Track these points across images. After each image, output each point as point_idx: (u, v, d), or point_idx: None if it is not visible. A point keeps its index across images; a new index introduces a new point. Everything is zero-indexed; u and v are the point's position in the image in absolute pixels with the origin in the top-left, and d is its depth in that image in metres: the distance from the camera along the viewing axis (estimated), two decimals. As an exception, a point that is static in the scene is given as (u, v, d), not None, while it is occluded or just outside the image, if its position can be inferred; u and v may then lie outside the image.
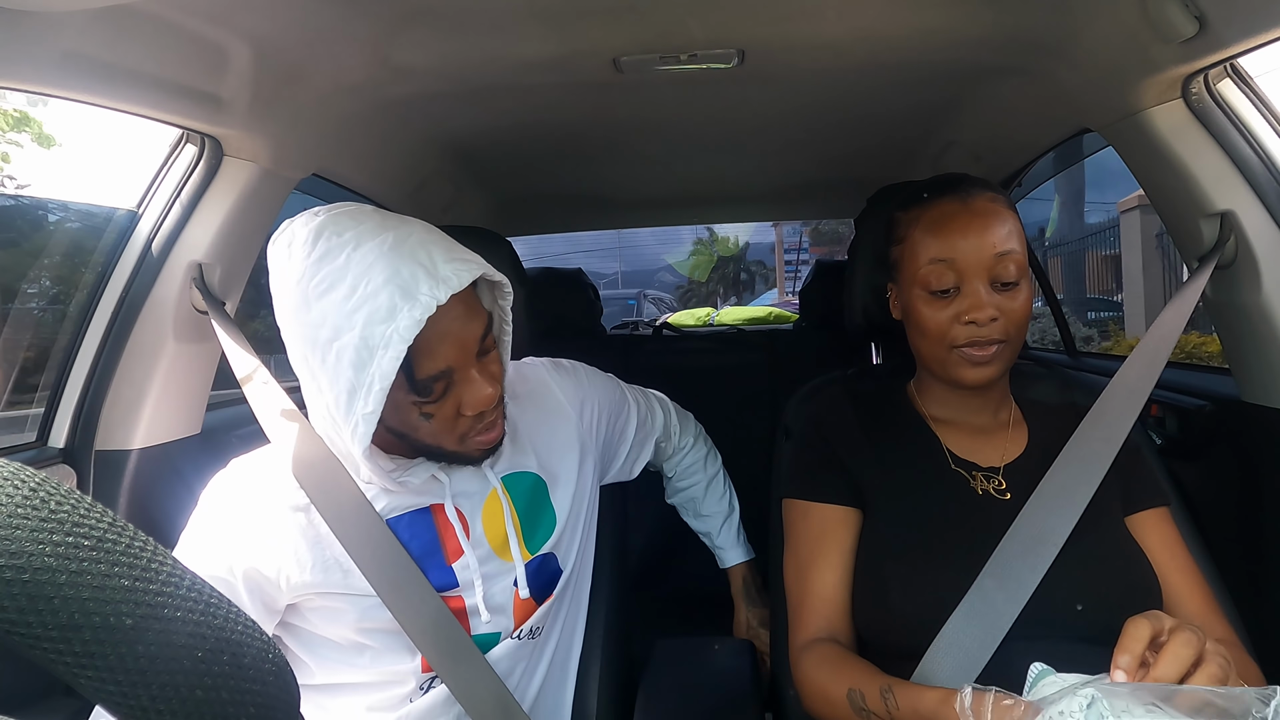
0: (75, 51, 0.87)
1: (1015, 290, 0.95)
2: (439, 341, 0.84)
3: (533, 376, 1.17)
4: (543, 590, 1.06)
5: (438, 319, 0.81)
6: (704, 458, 1.44)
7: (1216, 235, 1.12)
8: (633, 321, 3.20)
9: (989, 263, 0.94)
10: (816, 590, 0.99)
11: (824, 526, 1.02)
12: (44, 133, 3.20)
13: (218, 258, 1.26)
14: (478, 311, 0.90)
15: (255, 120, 1.17)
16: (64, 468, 1.18)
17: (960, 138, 1.77)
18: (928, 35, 1.18)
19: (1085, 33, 1.12)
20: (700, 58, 1.23)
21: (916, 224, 0.99)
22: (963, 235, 0.95)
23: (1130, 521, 0.98)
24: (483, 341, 0.90)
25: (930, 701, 0.77)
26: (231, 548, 0.91)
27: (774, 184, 2.44)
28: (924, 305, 0.98)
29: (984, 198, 0.97)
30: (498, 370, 0.94)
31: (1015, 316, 0.95)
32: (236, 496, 0.96)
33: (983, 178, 1.03)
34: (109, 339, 1.22)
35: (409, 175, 1.86)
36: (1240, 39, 0.94)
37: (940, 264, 0.96)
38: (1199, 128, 1.11)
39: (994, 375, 0.97)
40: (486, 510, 1.03)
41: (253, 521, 0.93)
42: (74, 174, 3.44)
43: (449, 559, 0.99)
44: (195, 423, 1.33)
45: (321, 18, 1.05)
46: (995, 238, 0.94)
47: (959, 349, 0.96)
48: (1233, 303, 1.15)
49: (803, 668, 0.95)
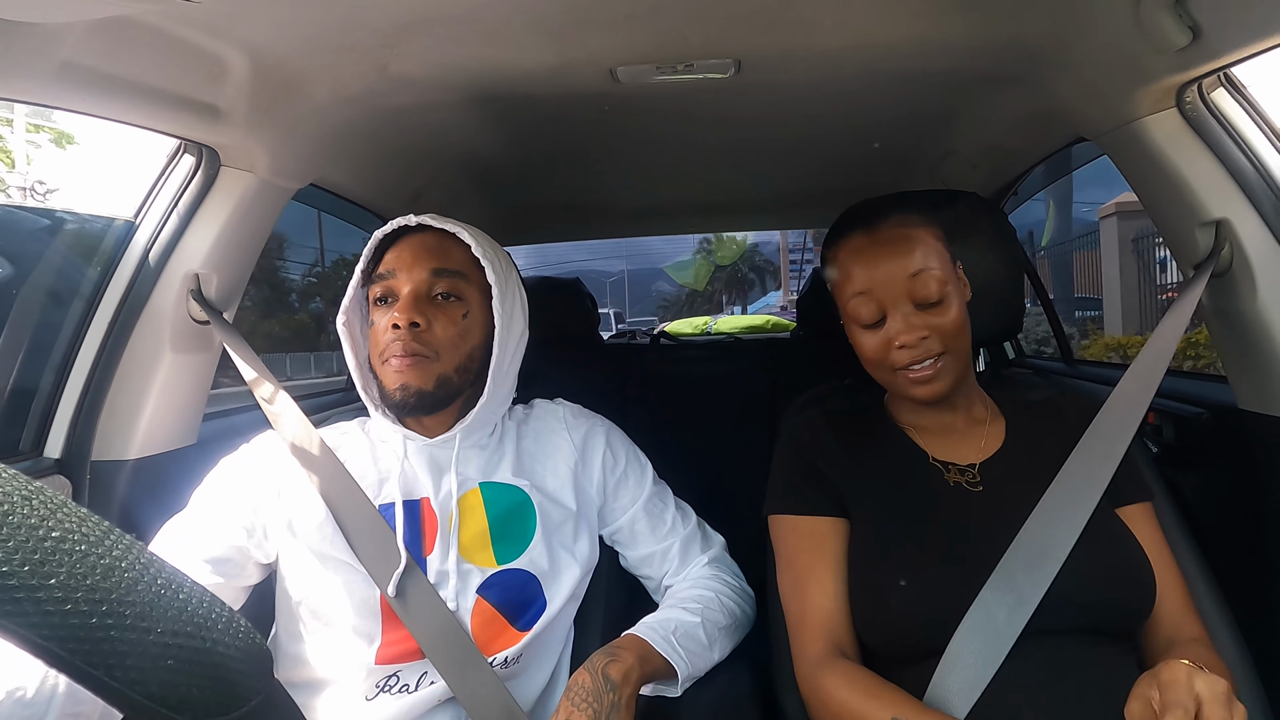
0: (73, 62, 0.87)
1: (941, 306, 0.97)
2: (397, 250, 1.07)
3: (548, 413, 1.21)
4: (516, 612, 1.05)
5: (405, 240, 1.08)
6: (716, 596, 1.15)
7: (1212, 243, 1.12)
8: (630, 331, 3.20)
9: (905, 286, 0.96)
10: (817, 604, 0.99)
11: (815, 539, 1.03)
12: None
13: (215, 268, 1.26)
14: (441, 255, 1.06)
15: (253, 130, 1.18)
16: (59, 478, 1.18)
17: (956, 146, 1.78)
18: (923, 44, 1.19)
19: (1080, 42, 1.13)
20: (697, 68, 1.24)
21: (836, 261, 1.03)
22: (873, 266, 0.98)
23: (1120, 514, 0.99)
24: (437, 280, 1.05)
25: None
26: (250, 484, 1.07)
27: (771, 193, 2.45)
28: (859, 335, 1.01)
29: (890, 223, 1.00)
30: (438, 323, 1.04)
31: (947, 329, 0.97)
32: (263, 451, 1.11)
33: (894, 198, 1.06)
34: (105, 349, 1.22)
35: (406, 184, 1.86)
36: (1234, 48, 0.95)
37: (860, 296, 0.99)
38: (1193, 136, 1.11)
39: (944, 389, 0.99)
40: (466, 511, 1.06)
41: (274, 472, 1.08)
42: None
43: (425, 551, 1.04)
44: (191, 433, 1.33)
45: (319, 28, 1.05)
46: (907, 261, 0.97)
47: (900, 371, 0.98)
48: (1229, 310, 1.15)
49: (824, 686, 0.93)
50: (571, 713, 0.91)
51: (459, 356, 1.05)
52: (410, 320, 1.01)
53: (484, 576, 1.04)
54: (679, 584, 1.17)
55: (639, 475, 1.21)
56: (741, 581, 1.20)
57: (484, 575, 1.04)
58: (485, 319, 1.08)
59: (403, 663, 1.00)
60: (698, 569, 1.18)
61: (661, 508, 1.21)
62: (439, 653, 0.98)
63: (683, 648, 1.03)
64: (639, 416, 1.59)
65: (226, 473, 1.09)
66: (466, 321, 1.06)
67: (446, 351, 1.04)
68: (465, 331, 1.06)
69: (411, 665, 1.00)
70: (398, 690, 0.99)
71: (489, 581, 1.04)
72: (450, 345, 1.04)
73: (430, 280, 1.05)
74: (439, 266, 1.05)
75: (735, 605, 1.15)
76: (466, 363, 1.07)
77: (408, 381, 1.02)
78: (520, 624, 1.05)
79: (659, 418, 2.04)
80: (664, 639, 1.02)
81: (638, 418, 1.50)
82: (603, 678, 0.93)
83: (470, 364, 1.07)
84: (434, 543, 1.04)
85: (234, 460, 1.10)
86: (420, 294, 1.04)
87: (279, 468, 1.08)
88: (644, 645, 1.00)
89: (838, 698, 0.91)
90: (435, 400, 1.05)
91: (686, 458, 1.53)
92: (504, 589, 1.04)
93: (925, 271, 0.96)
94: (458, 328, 1.05)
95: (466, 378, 1.07)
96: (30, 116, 3.28)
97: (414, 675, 1.00)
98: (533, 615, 1.06)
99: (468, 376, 1.07)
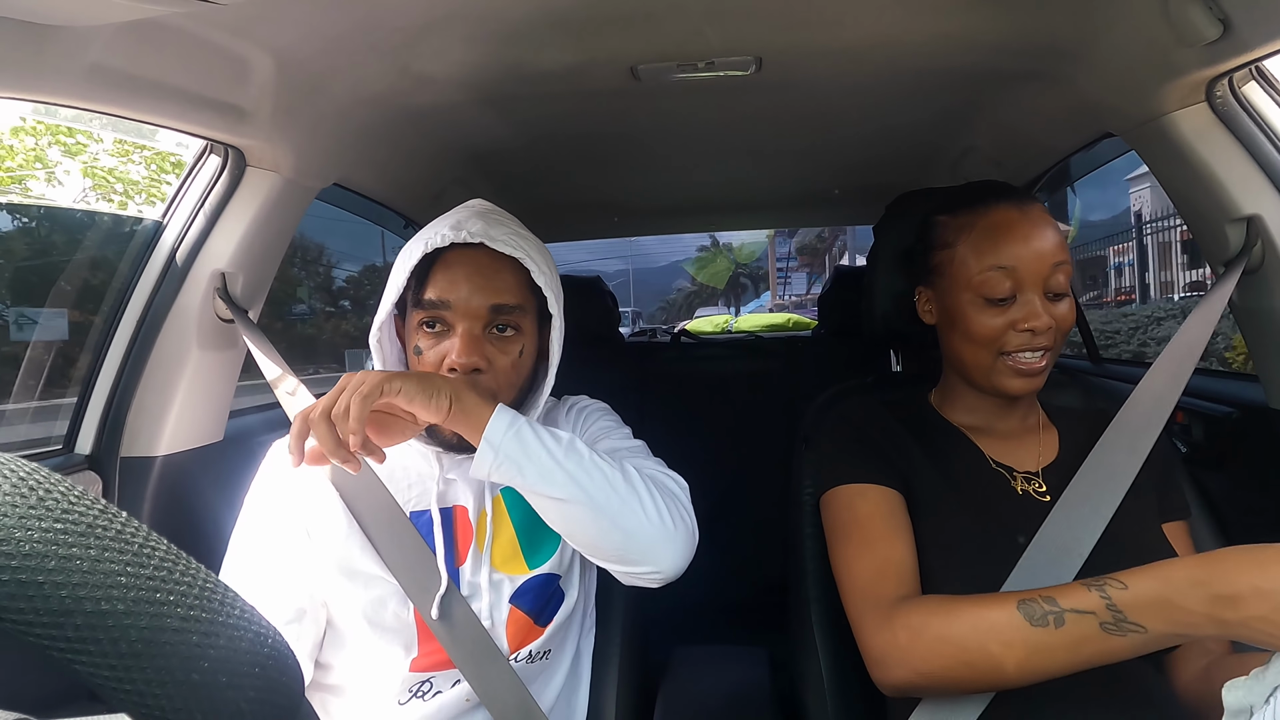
0: (102, 64, 0.89)
1: (1064, 300, 0.96)
2: (450, 275, 0.96)
3: (553, 411, 1.18)
4: (542, 613, 1.04)
5: (458, 259, 0.97)
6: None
7: (1243, 240, 1.10)
8: (651, 329, 3.20)
9: (1046, 272, 0.94)
10: (895, 560, 0.92)
11: (887, 506, 0.97)
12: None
13: (240, 266, 1.28)
14: (502, 288, 0.97)
15: (277, 131, 1.19)
16: (89, 474, 1.20)
17: (979, 143, 1.76)
18: (946, 40, 1.18)
19: (1106, 37, 1.11)
20: (718, 65, 1.23)
21: (970, 229, 0.98)
22: (1024, 244, 0.94)
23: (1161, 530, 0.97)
24: (496, 316, 0.97)
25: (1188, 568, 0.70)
26: (295, 505, 0.99)
27: (791, 191, 2.44)
28: (976, 311, 0.97)
29: (1037, 207, 0.97)
30: (498, 361, 0.98)
31: (1064, 325, 0.96)
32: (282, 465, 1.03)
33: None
34: (134, 347, 1.24)
35: (429, 184, 1.87)
36: (1265, 41, 0.93)
37: (999, 271, 0.95)
38: (1224, 131, 1.10)
39: (1038, 386, 0.97)
40: (496, 520, 1.04)
41: (308, 484, 1.00)
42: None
43: (458, 561, 1.01)
44: (218, 430, 1.35)
45: (342, 29, 1.06)
46: (1051, 247, 0.94)
47: (1007, 356, 0.96)
48: (1260, 308, 1.13)
49: (905, 621, 0.83)
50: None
51: (513, 392, 1.01)
52: (472, 367, 0.95)
53: (515, 585, 1.02)
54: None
55: (614, 437, 1.10)
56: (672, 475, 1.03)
57: (515, 584, 1.02)
58: (536, 341, 1.04)
59: (437, 670, 0.98)
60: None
61: (628, 455, 1.04)
62: (469, 663, 0.96)
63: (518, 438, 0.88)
64: (659, 415, 1.59)
65: (265, 509, 1.00)
66: (523, 357, 1.01)
67: (503, 391, 0.99)
68: (522, 368, 1.02)
69: (445, 674, 0.98)
70: (431, 695, 0.98)
71: (521, 589, 1.02)
72: (508, 385, 1.00)
73: (489, 316, 0.97)
74: (500, 303, 0.97)
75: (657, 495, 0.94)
76: (516, 395, 1.03)
77: None
78: (542, 621, 1.04)
79: (679, 416, 2.04)
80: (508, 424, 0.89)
81: (658, 416, 1.51)
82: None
83: (520, 384, 1.03)
84: (466, 553, 1.01)
85: (266, 488, 1.02)
86: (477, 333, 0.97)
87: (306, 483, 1.01)
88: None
89: (946, 618, 0.81)
90: None
91: (706, 456, 1.53)
92: (533, 594, 1.03)
93: (1064, 264, 0.94)
94: (515, 367, 1.00)
95: (513, 396, 1.03)
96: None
97: (447, 682, 0.99)
98: (552, 610, 1.06)
99: (514, 395, 1.03)
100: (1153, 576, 0.71)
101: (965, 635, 0.78)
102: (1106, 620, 0.71)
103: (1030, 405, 1.07)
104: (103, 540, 0.36)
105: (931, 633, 0.81)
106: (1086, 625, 0.72)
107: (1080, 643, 0.72)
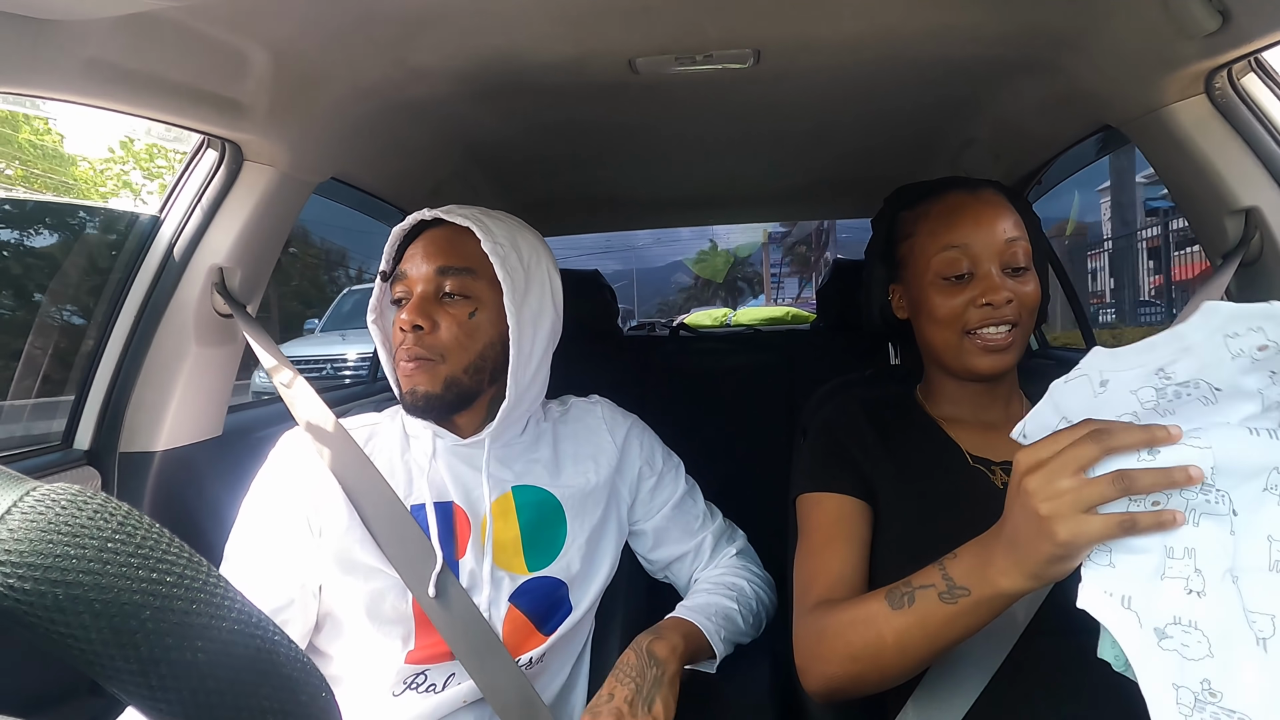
0: (98, 58, 0.88)
1: (1025, 276, 0.99)
2: (412, 251, 1.05)
3: (585, 411, 1.20)
4: (546, 620, 1.04)
5: (423, 238, 1.05)
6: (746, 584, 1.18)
7: (1241, 232, 1.10)
8: (650, 323, 3.19)
9: (1000, 248, 0.97)
10: (831, 568, 0.96)
11: (839, 515, 1.01)
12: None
13: (238, 261, 1.28)
14: (450, 252, 1.03)
15: (274, 125, 1.19)
16: (88, 469, 1.20)
17: (979, 135, 1.75)
18: (945, 31, 1.17)
19: (1105, 28, 1.11)
20: (716, 58, 1.23)
21: (925, 217, 1.03)
22: (975, 223, 0.98)
23: None
24: (443, 279, 1.02)
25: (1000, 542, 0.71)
26: (298, 496, 1.02)
27: (790, 184, 2.43)
28: (937, 293, 1.00)
29: (988, 191, 1.02)
30: (443, 321, 1.01)
31: (1026, 300, 0.98)
32: (301, 454, 1.06)
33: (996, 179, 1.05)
34: (132, 342, 1.24)
35: (426, 178, 1.87)
36: (1265, 33, 0.93)
37: (954, 250, 0.99)
38: (1223, 123, 1.10)
39: (1008, 364, 0.98)
40: (502, 516, 1.04)
41: (313, 477, 1.03)
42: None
43: (458, 553, 1.02)
44: (217, 425, 1.35)
45: (339, 22, 1.06)
46: (1004, 225, 0.98)
47: (972, 334, 0.98)
48: (1257, 299, 1.13)
49: (812, 627, 0.89)
50: (615, 686, 0.92)
51: (467, 357, 1.01)
52: (413, 323, 0.99)
53: (516, 584, 1.03)
54: (710, 572, 1.18)
55: (674, 476, 1.21)
56: (765, 572, 1.23)
57: (515, 583, 1.03)
58: (500, 315, 1.03)
59: (432, 664, 0.99)
60: (726, 559, 1.19)
61: (692, 505, 1.21)
62: (469, 655, 0.96)
63: (723, 628, 1.06)
64: (658, 408, 1.59)
65: (272, 495, 1.03)
66: (474, 320, 1.02)
67: (453, 353, 1.00)
68: (473, 331, 1.02)
69: (440, 666, 0.99)
70: (424, 689, 0.99)
71: (521, 589, 1.03)
72: (457, 346, 1.00)
73: (437, 280, 1.01)
74: (445, 264, 1.02)
75: (764, 594, 1.18)
76: (478, 362, 1.03)
77: (415, 385, 1.00)
78: (546, 628, 1.04)
79: (678, 409, 2.04)
80: (706, 619, 1.05)
81: (657, 409, 1.50)
82: (647, 654, 0.96)
83: (483, 363, 1.03)
84: (465, 547, 1.02)
85: (273, 476, 1.05)
86: (428, 294, 1.01)
87: (311, 471, 1.04)
88: (687, 624, 1.04)
89: (828, 618, 0.87)
90: (446, 403, 1.01)
91: (705, 449, 1.53)
92: (535, 596, 1.03)
93: (1019, 240, 0.98)
94: (463, 328, 1.01)
95: (480, 378, 1.04)
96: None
97: (441, 676, 0.99)
98: (559, 619, 1.05)
99: (481, 376, 1.04)
100: (976, 541, 0.74)
101: (847, 630, 0.83)
102: (943, 590, 0.75)
103: (1011, 393, 1.07)
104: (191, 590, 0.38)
105: (827, 633, 0.86)
106: (929, 599, 0.75)
107: (927, 617, 0.76)
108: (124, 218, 1.38)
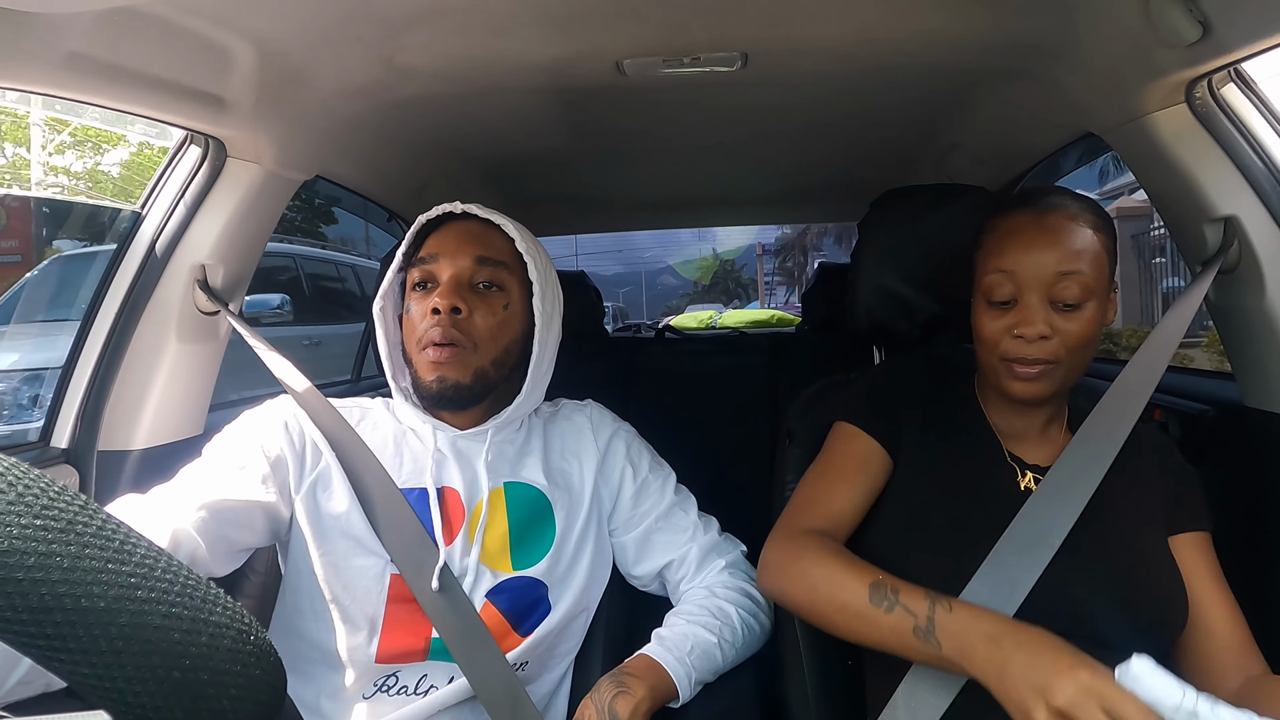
0: (80, 52, 0.87)
1: (1075, 312, 0.92)
2: (441, 235, 1.07)
3: (576, 412, 1.20)
4: (522, 620, 1.03)
5: (450, 226, 1.07)
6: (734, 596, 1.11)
7: (1220, 240, 1.12)
8: (635, 324, 3.20)
9: (1048, 279, 0.92)
10: (834, 503, 1.00)
11: (866, 456, 1.03)
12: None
13: (221, 259, 1.27)
14: (488, 243, 1.06)
15: (259, 122, 1.18)
16: (66, 467, 1.18)
17: (963, 141, 1.77)
18: (930, 38, 1.18)
19: (1088, 37, 1.12)
20: (703, 61, 1.23)
21: (991, 232, 0.98)
22: (1026, 249, 0.93)
23: (1170, 543, 0.97)
24: (481, 269, 1.04)
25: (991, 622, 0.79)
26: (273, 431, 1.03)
27: (776, 187, 2.44)
28: (982, 313, 0.98)
29: (1063, 213, 0.94)
30: (479, 311, 1.03)
31: (1070, 339, 0.92)
32: (287, 411, 1.07)
33: (1075, 196, 0.99)
34: (112, 339, 1.22)
35: (412, 178, 1.86)
36: (1245, 43, 0.94)
37: (1000, 274, 0.94)
38: (1203, 132, 1.11)
39: (1041, 393, 0.95)
40: (493, 511, 1.04)
41: (297, 435, 1.04)
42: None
43: (446, 542, 1.01)
44: (198, 423, 1.34)
45: (325, 20, 1.05)
46: (1060, 255, 0.91)
47: (1007, 362, 0.95)
48: (1236, 307, 1.15)
49: (804, 552, 0.94)
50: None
51: (496, 349, 1.04)
52: (451, 305, 1.00)
53: (495, 581, 1.02)
54: (696, 589, 1.12)
55: (660, 486, 1.17)
56: (758, 593, 1.13)
57: (496, 580, 1.02)
58: (523, 313, 1.08)
59: (403, 663, 0.98)
60: (714, 574, 1.13)
61: (682, 517, 1.16)
62: (459, 644, 0.95)
63: (696, 670, 0.99)
64: (643, 409, 1.59)
65: (249, 424, 1.05)
66: (507, 313, 1.05)
67: (485, 343, 1.02)
68: (504, 323, 1.05)
69: (411, 667, 0.98)
70: (396, 691, 0.98)
71: (500, 586, 1.02)
72: (489, 337, 1.03)
73: (473, 267, 1.04)
74: (483, 254, 1.04)
75: (753, 621, 1.10)
76: (503, 356, 1.05)
77: (445, 374, 1.00)
78: (523, 629, 1.03)
79: (663, 411, 2.04)
80: (679, 661, 0.98)
81: (642, 411, 1.50)
82: (609, 714, 0.89)
83: (507, 358, 1.06)
84: (455, 535, 1.02)
85: (258, 413, 1.07)
86: (462, 280, 1.03)
87: (302, 432, 1.05)
88: (656, 672, 0.96)
89: (811, 556, 0.92)
90: (471, 395, 1.03)
91: (690, 451, 1.53)
92: (513, 595, 1.03)
93: (1074, 274, 0.91)
94: (498, 318, 1.04)
95: (502, 373, 1.06)
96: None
97: (413, 677, 0.98)
98: (536, 620, 1.04)
99: (503, 371, 1.06)
100: (972, 614, 0.80)
101: (819, 580, 0.90)
102: (921, 625, 0.81)
103: (1058, 409, 1.05)
104: (83, 537, 0.36)
105: (799, 566, 0.93)
106: (903, 621, 0.82)
107: (889, 630, 0.83)
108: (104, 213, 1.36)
